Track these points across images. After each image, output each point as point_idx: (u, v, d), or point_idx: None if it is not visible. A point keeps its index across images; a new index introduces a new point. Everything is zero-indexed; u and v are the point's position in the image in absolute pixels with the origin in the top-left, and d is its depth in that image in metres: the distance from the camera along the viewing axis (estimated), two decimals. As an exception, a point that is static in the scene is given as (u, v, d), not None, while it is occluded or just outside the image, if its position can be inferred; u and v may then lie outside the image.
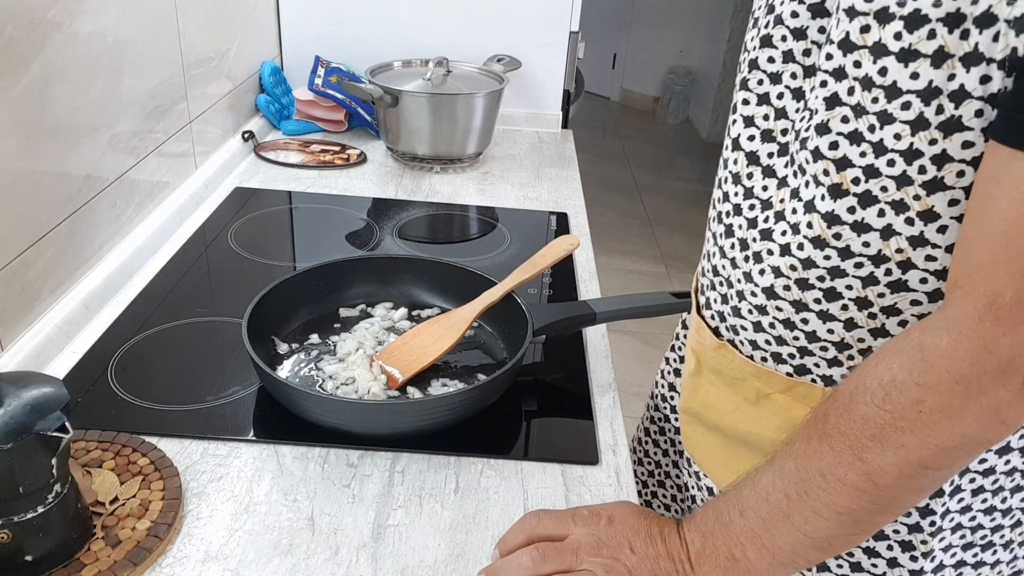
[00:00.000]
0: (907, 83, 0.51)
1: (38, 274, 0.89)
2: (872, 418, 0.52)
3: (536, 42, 1.67)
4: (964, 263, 0.50)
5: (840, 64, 0.54)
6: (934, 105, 0.50)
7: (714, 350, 0.71)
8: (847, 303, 0.59)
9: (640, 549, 0.60)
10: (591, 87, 5.33)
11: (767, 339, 0.65)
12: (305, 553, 0.66)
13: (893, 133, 0.52)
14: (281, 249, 1.18)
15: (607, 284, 1.16)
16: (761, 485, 0.58)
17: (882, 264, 0.57)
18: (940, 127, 0.51)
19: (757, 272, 0.64)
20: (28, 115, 0.85)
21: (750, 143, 0.65)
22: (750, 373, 0.68)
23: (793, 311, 0.62)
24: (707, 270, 0.72)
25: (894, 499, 0.54)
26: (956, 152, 0.51)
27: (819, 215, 0.58)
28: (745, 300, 0.66)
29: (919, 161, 0.52)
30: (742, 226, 0.66)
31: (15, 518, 0.58)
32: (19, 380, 0.59)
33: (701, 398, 0.75)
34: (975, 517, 0.65)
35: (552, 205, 1.37)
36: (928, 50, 0.49)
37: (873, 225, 0.56)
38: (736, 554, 0.58)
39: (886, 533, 0.66)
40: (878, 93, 0.52)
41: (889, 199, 0.54)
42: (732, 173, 0.67)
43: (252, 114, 1.58)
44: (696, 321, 0.75)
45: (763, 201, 0.64)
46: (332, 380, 0.84)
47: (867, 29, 0.52)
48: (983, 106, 0.49)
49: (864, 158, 0.54)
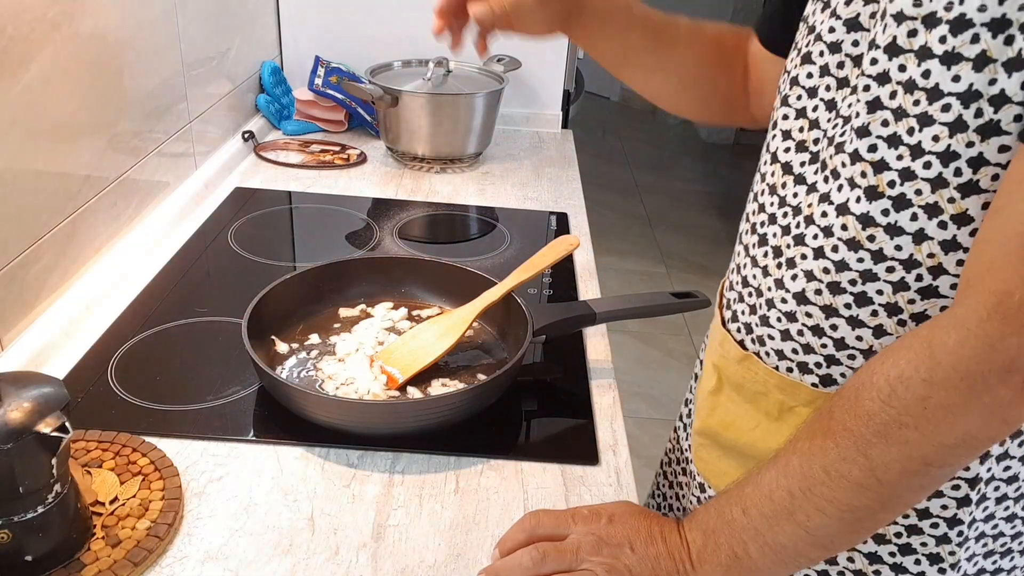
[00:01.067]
0: (948, 86, 0.51)
1: (38, 274, 0.89)
2: (877, 414, 0.52)
3: (536, 42, 1.67)
4: (978, 262, 0.51)
5: (885, 68, 0.55)
6: (973, 108, 0.51)
7: (738, 362, 0.71)
8: (877, 308, 0.59)
9: (640, 548, 0.60)
10: (591, 87, 5.32)
11: (794, 348, 0.65)
12: (305, 553, 0.66)
13: (932, 135, 0.53)
14: (281, 249, 1.18)
15: (607, 284, 1.16)
16: (764, 482, 0.58)
17: (913, 269, 0.57)
18: (978, 130, 0.51)
19: (789, 277, 0.64)
20: (28, 115, 0.85)
21: (785, 155, 0.66)
22: (774, 385, 0.67)
23: (823, 316, 0.62)
24: (736, 283, 0.73)
25: (896, 497, 0.54)
26: (992, 156, 0.51)
27: (854, 217, 0.58)
28: (775, 308, 0.66)
29: (955, 163, 0.52)
30: (776, 234, 0.66)
31: (15, 518, 0.58)
32: (19, 380, 0.59)
33: (720, 416, 0.74)
34: (997, 525, 0.65)
35: (552, 205, 1.37)
36: (971, 54, 0.50)
37: (906, 229, 0.56)
38: (738, 552, 0.58)
39: (914, 547, 0.65)
40: (920, 96, 0.53)
41: (923, 202, 0.55)
42: (769, 185, 0.68)
43: (252, 114, 1.58)
44: (720, 334, 0.74)
45: (794, 208, 0.64)
46: (332, 380, 0.84)
47: (914, 33, 0.53)
48: (1022, 111, 0.49)
49: (901, 161, 0.55)
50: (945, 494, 0.62)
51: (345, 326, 0.94)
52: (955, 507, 0.63)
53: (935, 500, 0.63)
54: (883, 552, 0.65)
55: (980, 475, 0.61)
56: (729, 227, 3.67)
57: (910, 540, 0.65)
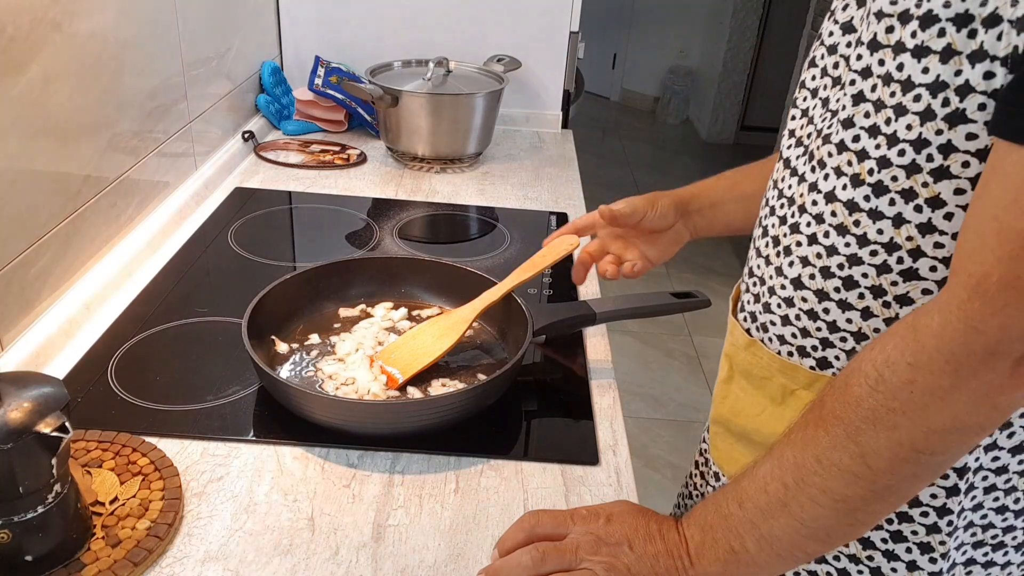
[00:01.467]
0: (919, 77, 0.54)
1: (38, 274, 0.89)
2: (865, 399, 0.53)
3: (536, 42, 1.67)
4: (960, 250, 0.52)
5: (867, 64, 0.59)
6: (941, 98, 0.53)
7: (745, 348, 0.73)
8: (863, 291, 0.61)
9: (639, 547, 0.61)
10: (591, 87, 5.33)
11: (793, 332, 0.67)
12: (305, 553, 0.66)
13: (905, 124, 0.56)
14: (281, 249, 1.18)
15: (607, 284, 1.15)
16: (759, 475, 0.58)
17: (894, 252, 0.59)
18: (945, 119, 0.53)
19: (787, 264, 0.67)
20: (28, 115, 0.85)
21: (787, 151, 0.69)
22: (776, 370, 0.69)
23: (816, 300, 0.65)
24: (745, 275, 0.76)
25: (889, 486, 0.54)
26: (960, 143, 0.53)
27: (841, 203, 0.61)
28: (775, 295, 0.69)
29: (927, 150, 0.55)
30: (775, 224, 0.69)
31: (15, 518, 0.58)
32: (19, 380, 0.59)
33: (731, 404, 0.76)
34: (987, 515, 0.66)
35: (552, 205, 1.37)
36: (938, 47, 0.53)
37: (886, 213, 0.58)
38: (735, 546, 0.58)
39: (905, 535, 0.66)
40: (895, 88, 0.56)
41: (899, 188, 0.57)
42: (774, 180, 0.71)
43: (252, 114, 1.58)
44: (731, 323, 0.77)
45: (789, 198, 0.67)
46: (332, 380, 0.84)
47: (891, 30, 0.56)
48: (986, 100, 0.51)
49: (879, 150, 0.58)
50: (935, 483, 0.63)
51: (345, 326, 0.94)
52: (944, 496, 0.63)
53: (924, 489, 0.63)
54: (875, 538, 0.66)
55: (968, 464, 0.62)
56: (729, 227, 3.66)
57: (900, 527, 0.65)
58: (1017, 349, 0.49)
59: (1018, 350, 0.49)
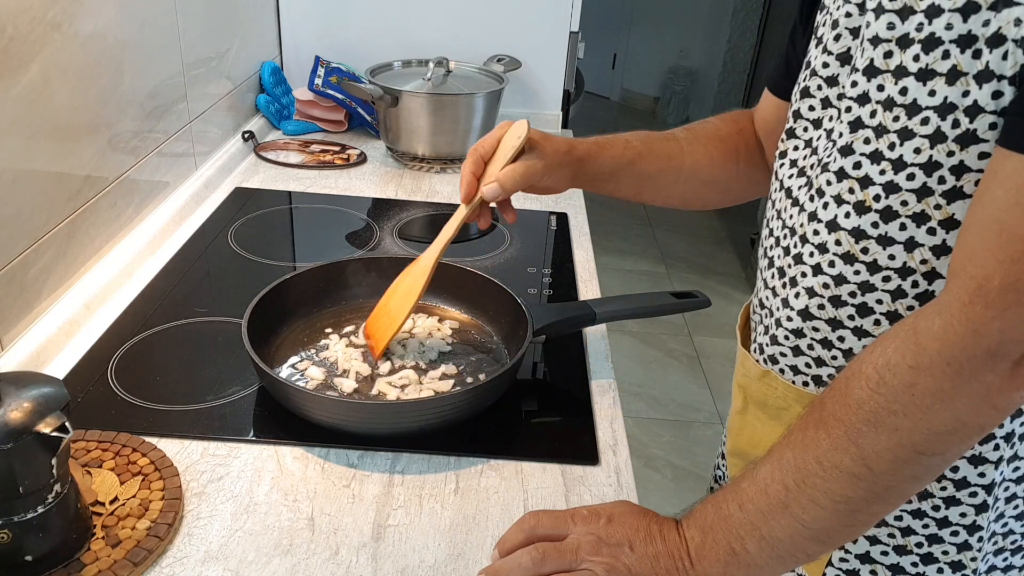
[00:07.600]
0: (926, 100, 0.54)
1: (38, 274, 0.89)
2: (866, 402, 0.53)
3: (536, 42, 1.67)
4: (960, 253, 0.52)
5: (864, 90, 0.58)
6: (950, 119, 0.53)
7: (758, 379, 0.73)
8: (879, 317, 0.61)
9: (639, 547, 0.61)
10: (591, 87, 5.32)
11: (807, 362, 0.67)
12: (305, 553, 0.66)
13: (913, 148, 0.55)
14: (281, 249, 1.18)
15: (607, 284, 1.16)
16: (760, 477, 0.58)
17: (908, 276, 0.59)
18: (956, 140, 0.53)
19: (793, 296, 0.67)
20: (28, 115, 0.85)
21: (789, 180, 0.69)
22: (794, 399, 0.69)
23: (829, 330, 0.64)
24: (755, 306, 0.75)
25: (889, 487, 0.54)
26: (973, 163, 0.53)
27: (846, 232, 0.61)
28: (782, 327, 0.68)
29: (938, 172, 0.55)
30: (779, 255, 0.69)
31: (15, 518, 0.58)
32: (19, 380, 0.59)
33: (748, 435, 0.75)
34: (1007, 523, 0.66)
35: (552, 205, 1.37)
36: (943, 69, 0.53)
37: (896, 238, 0.58)
38: (736, 547, 0.58)
39: (935, 556, 0.66)
40: (899, 112, 0.56)
41: (909, 212, 0.57)
42: (776, 211, 0.71)
43: (252, 114, 1.58)
44: (742, 354, 0.77)
45: (791, 229, 0.67)
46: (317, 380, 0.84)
47: (890, 55, 0.56)
48: (996, 119, 0.51)
49: (884, 175, 0.57)
50: (963, 502, 0.63)
51: (344, 326, 0.94)
52: (974, 514, 0.63)
53: (953, 508, 0.64)
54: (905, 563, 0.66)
55: (995, 480, 0.62)
56: (729, 227, 3.67)
57: (931, 549, 0.65)
58: (1017, 351, 0.49)
59: (1018, 351, 0.49)
